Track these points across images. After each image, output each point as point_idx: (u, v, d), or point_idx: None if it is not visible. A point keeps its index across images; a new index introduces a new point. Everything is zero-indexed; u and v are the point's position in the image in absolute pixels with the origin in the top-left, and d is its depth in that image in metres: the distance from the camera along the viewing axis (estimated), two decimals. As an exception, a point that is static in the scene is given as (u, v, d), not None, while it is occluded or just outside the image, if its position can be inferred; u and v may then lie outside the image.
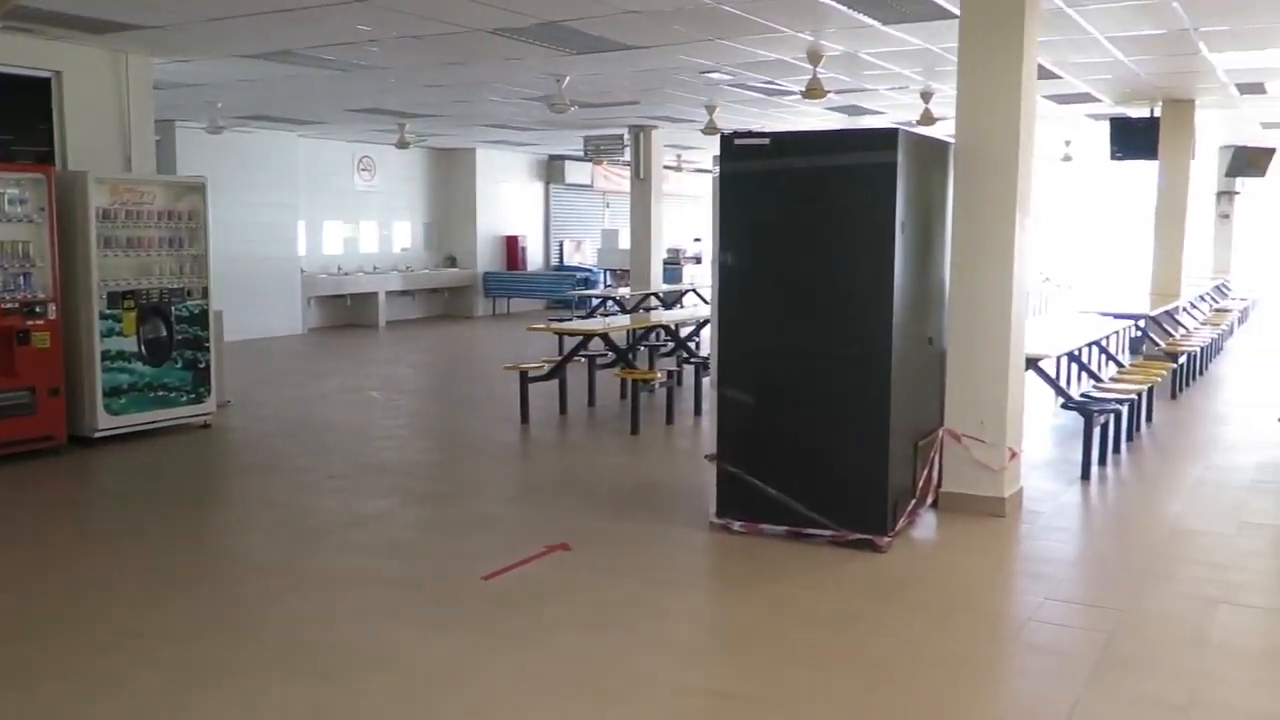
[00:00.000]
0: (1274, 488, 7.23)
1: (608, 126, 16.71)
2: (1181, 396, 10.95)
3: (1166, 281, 13.90)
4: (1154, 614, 4.99)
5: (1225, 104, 13.82)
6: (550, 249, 23.22)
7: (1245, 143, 18.92)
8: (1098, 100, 13.38)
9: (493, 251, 21.47)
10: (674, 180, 23.53)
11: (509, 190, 21.95)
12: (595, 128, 16.91)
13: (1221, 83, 11.94)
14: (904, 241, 5.69)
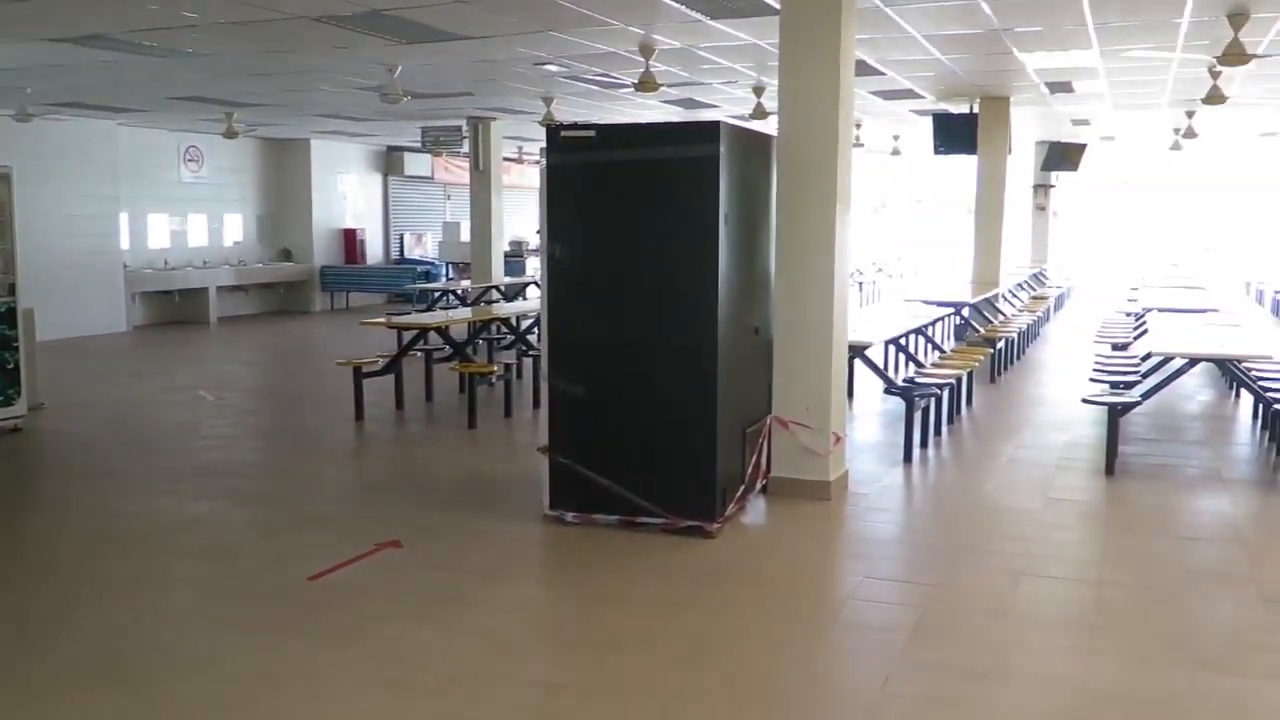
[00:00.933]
0: (1079, 465, 7.65)
1: (445, 118, 16.51)
2: (1000, 380, 11.50)
3: (986, 271, 14.57)
4: (964, 587, 5.23)
5: (1038, 102, 14.55)
6: (390, 242, 22.81)
7: (1059, 139, 19.95)
8: (921, 96, 13.91)
9: (330, 245, 20.96)
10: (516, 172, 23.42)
11: (346, 182, 21.45)
12: (433, 119, 16.69)
13: (1033, 82, 12.56)
14: (728, 233, 5.80)
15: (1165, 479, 7.37)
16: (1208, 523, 6.47)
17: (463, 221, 20.49)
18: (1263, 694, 4.03)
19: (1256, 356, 8.06)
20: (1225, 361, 8.15)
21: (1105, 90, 13.32)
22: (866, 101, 14.56)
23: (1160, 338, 8.76)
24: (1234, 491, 7.04)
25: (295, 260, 20.49)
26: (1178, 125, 17.46)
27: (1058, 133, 19.34)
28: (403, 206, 23.23)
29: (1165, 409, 9.61)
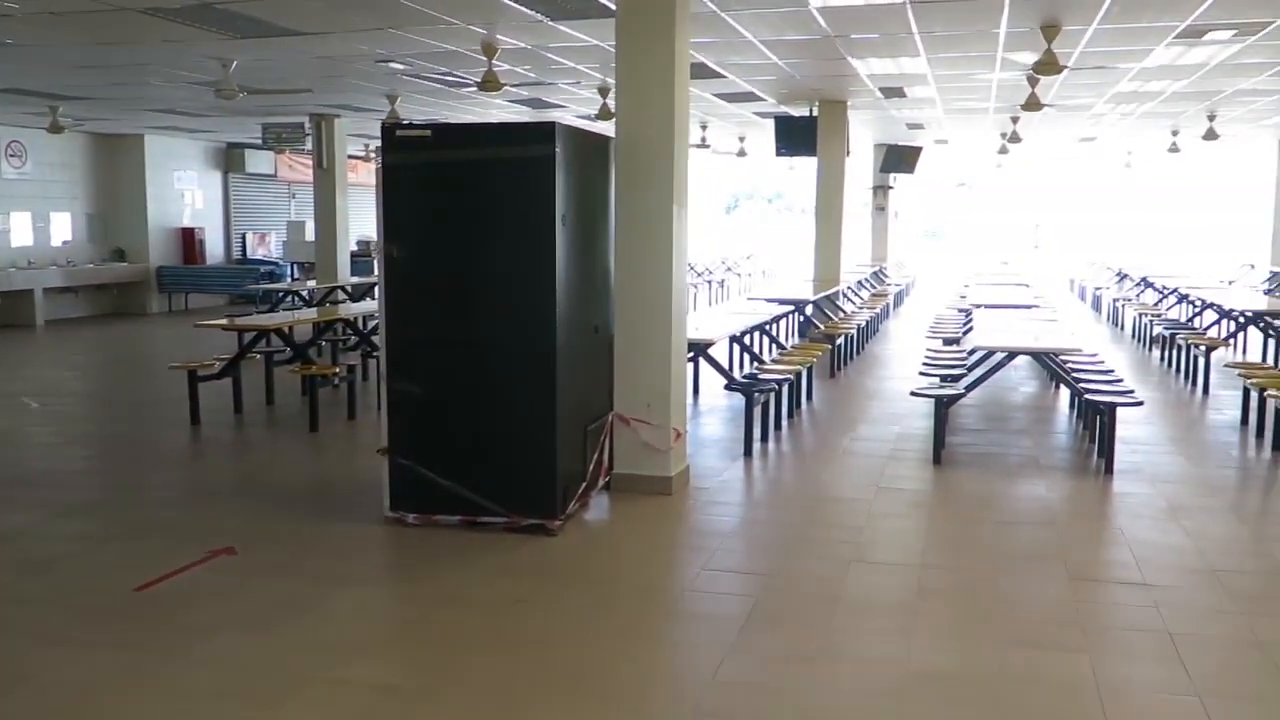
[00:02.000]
0: (909, 455, 7.98)
1: (287, 114, 16.11)
2: (840, 374, 11.87)
3: (827, 269, 15.03)
4: (797, 576, 5.41)
5: (874, 106, 15.08)
6: (231, 242, 22.09)
7: (896, 141, 20.69)
8: (763, 99, 14.25)
9: (167, 245, 20.18)
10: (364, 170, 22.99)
11: (183, 179, 20.68)
12: (273, 115, 16.26)
13: (868, 87, 13.02)
14: (566, 233, 5.86)
15: (988, 467, 7.75)
16: (1025, 507, 6.83)
17: (308, 221, 20.01)
18: (1068, 666, 4.29)
19: (1069, 350, 8.54)
20: (1041, 354, 8.62)
21: (935, 96, 13.89)
22: (711, 104, 14.85)
23: (984, 333, 9.19)
24: (1050, 477, 7.45)
25: (129, 260, 19.66)
26: (1004, 130, 18.32)
27: (894, 136, 20.05)
28: (245, 205, 22.53)
29: (992, 400, 10.09)
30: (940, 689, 4.10)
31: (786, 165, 25.01)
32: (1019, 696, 4.01)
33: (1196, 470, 7.67)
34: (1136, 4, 8.19)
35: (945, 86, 13.04)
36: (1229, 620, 4.82)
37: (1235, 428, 9.01)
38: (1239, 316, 13.14)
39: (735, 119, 16.96)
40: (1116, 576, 5.53)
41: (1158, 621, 4.75)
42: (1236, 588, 5.24)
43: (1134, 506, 6.69)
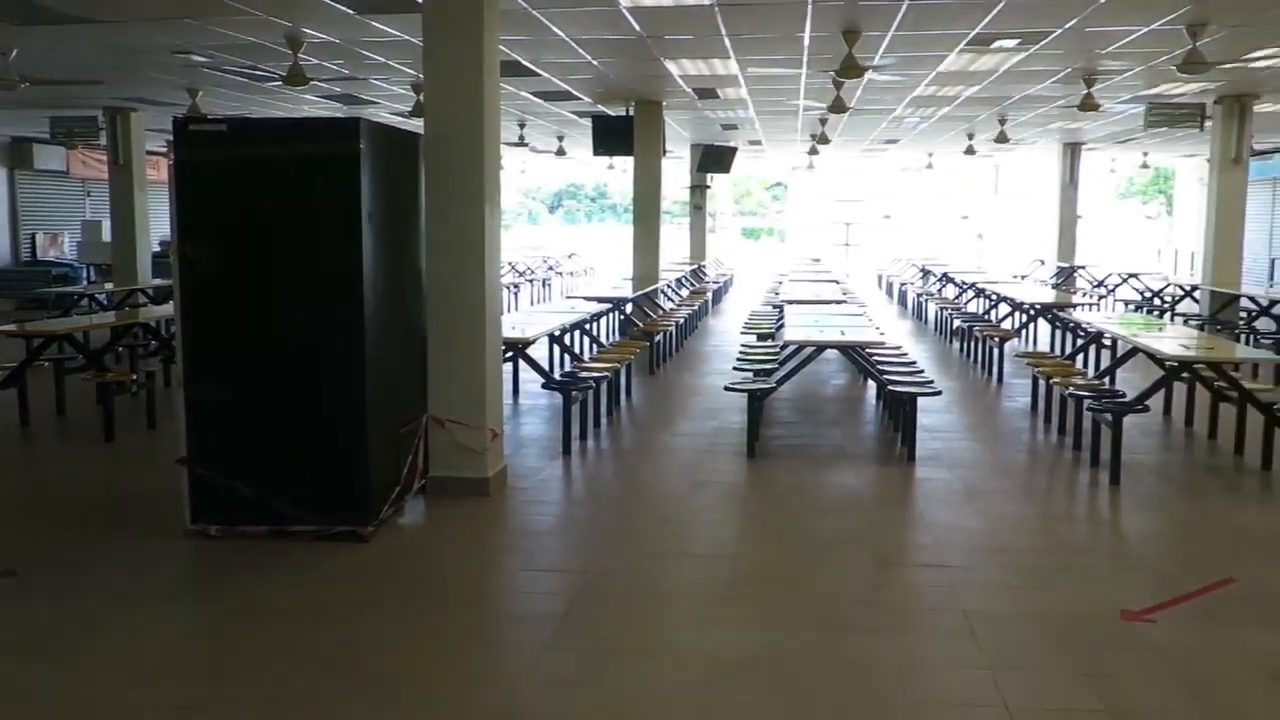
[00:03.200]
0: (726, 449, 8.14)
1: (78, 107, 15.22)
2: (659, 371, 12.02)
3: (646, 267, 15.19)
4: (614, 571, 5.44)
5: (689, 107, 15.33)
6: (20, 242, 20.72)
7: (712, 142, 21.08)
8: (580, 98, 14.29)
9: (-55, 246, 18.79)
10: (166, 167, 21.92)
11: (-37, 176, 19.30)
12: (64, 108, 15.33)
13: (682, 88, 13.22)
14: (373, 232, 5.72)
15: (800, 457, 7.99)
16: (833, 495, 7.07)
17: (104, 220, 18.95)
18: (872, 647, 4.45)
19: (874, 343, 8.88)
20: (849, 348, 8.94)
21: (747, 97, 14.22)
22: (528, 102, 14.80)
23: (795, 328, 9.46)
24: (857, 466, 7.74)
25: (-98, 263, 18.22)
26: (813, 131, 18.91)
27: (710, 136, 20.43)
28: (34, 203, 21.18)
29: (804, 393, 10.41)
30: (752, 676, 4.19)
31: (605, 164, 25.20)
32: (825, 679, 4.14)
33: (991, 455, 8.10)
34: (930, 12, 8.58)
35: (756, 88, 13.37)
36: (1017, 596, 5.10)
37: (1026, 414, 9.56)
38: (1029, 309, 13.95)
39: (553, 118, 16.96)
40: (917, 559, 5.78)
41: (954, 600, 4.98)
42: (1024, 565, 5.55)
43: (934, 491, 7.01)
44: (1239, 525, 6.36)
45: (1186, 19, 8.75)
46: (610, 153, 15.58)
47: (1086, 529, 6.57)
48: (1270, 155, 22.76)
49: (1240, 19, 8.88)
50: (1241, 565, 5.48)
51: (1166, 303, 17.86)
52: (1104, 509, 6.83)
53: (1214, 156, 14.77)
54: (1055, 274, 22.44)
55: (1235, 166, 14.38)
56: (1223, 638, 4.57)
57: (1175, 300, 17.88)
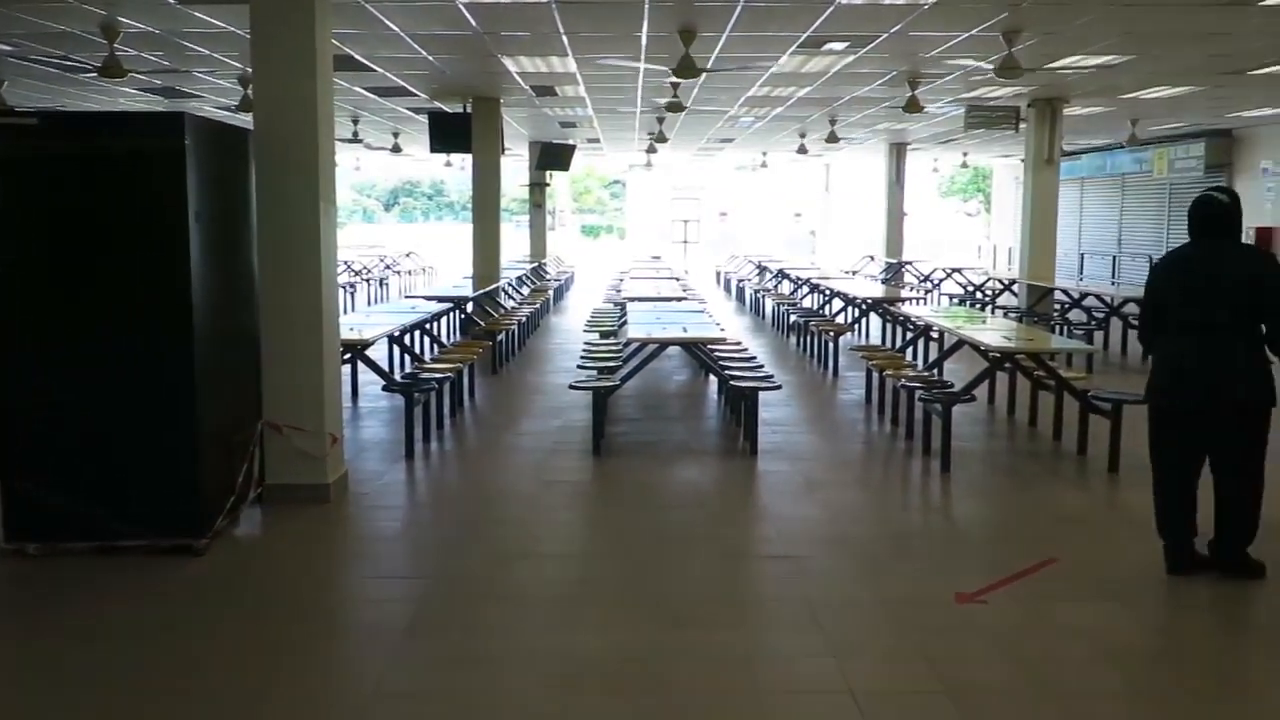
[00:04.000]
0: (571, 447, 8.12)
1: None
2: (502, 371, 11.92)
3: (487, 266, 15.05)
4: (461, 576, 5.36)
5: (527, 104, 15.26)
6: None
7: (551, 139, 21.05)
8: (415, 94, 14.05)
9: None
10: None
11: None
12: None
13: (520, 85, 13.14)
14: (201, 231, 5.48)
15: (645, 454, 8.04)
16: (679, 491, 7.15)
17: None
18: (721, 641, 4.51)
19: (715, 340, 9.02)
20: (690, 345, 9.05)
21: (585, 95, 14.25)
22: (362, 98, 14.47)
23: (636, 326, 9.53)
24: (702, 461, 7.85)
25: None
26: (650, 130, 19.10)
27: (549, 134, 20.40)
28: None
29: (647, 390, 10.49)
30: (604, 675, 4.19)
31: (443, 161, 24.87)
32: (676, 675, 4.17)
33: (829, 447, 8.33)
34: (763, 14, 8.76)
35: (594, 87, 13.41)
36: (858, 583, 5.26)
37: (861, 406, 9.87)
38: (861, 304, 14.41)
39: (389, 114, 16.63)
40: (762, 551, 5.89)
41: (798, 590, 5.10)
42: (864, 552, 5.73)
43: (776, 484, 7.17)
44: (1059, 507, 6.72)
45: (1002, 26, 9.19)
46: (448, 150, 15.37)
47: (920, 516, 6.83)
48: (1078, 156, 24.14)
49: (1051, 27, 9.38)
50: (1063, 545, 5.79)
51: (987, 296, 18.73)
52: (936, 496, 7.11)
53: (1028, 157, 15.58)
54: (884, 270, 23.27)
55: (1048, 166, 15.20)
56: (1048, 615, 4.82)
57: (995, 294, 18.78)
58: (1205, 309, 5.01)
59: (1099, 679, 4.14)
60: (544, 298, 17.71)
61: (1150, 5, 8.45)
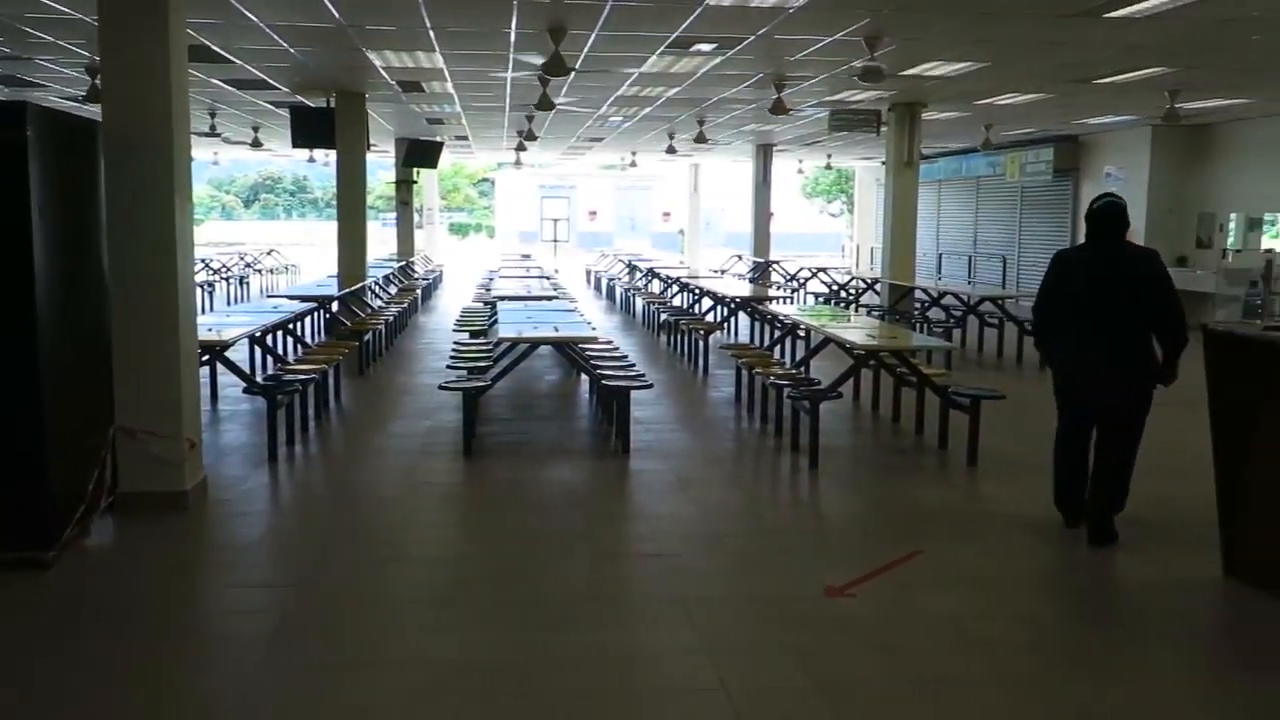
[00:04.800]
0: (442, 449, 8.00)
1: None
2: (369, 372, 11.67)
3: (353, 264, 14.72)
4: (328, 582, 5.21)
5: (393, 100, 14.97)
6: None
7: (418, 136, 20.72)
8: (276, 87, 13.65)
9: None
10: None
11: None
12: None
13: (386, 80, 12.88)
14: (45, 227, 5.20)
15: (517, 455, 7.97)
16: (552, 491, 7.10)
17: None
18: (597, 641, 4.48)
19: (586, 339, 9.00)
20: (562, 344, 9.01)
21: (453, 92, 14.06)
22: (220, 90, 13.99)
23: (507, 325, 9.44)
24: (574, 461, 7.82)
25: None
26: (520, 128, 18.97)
27: (416, 131, 20.08)
28: None
29: (519, 390, 10.41)
30: (478, 680, 4.12)
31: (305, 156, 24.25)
32: (550, 678, 4.13)
33: (701, 444, 8.40)
34: (633, 14, 8.78)
35: (462, 83, 13.24)
36: (730, 580, 5.31)
37: (731, 403, 9.98)
38: (730, 303, 14.59)
39: (248, 107, 16.12)
40: (636, 550, 5.90)
41: (671, 588, 5.12)
42: (736, 549, 5.79)
43: (649, 482, 7.18)
44: (923, 500, 6.91)
45: (864, 31, 9.41)
46: (310, 145, 15.00)
47: (790, 511, 6.94)
48: (936, 159, 24.92)
49: (911, 34, 9.64)
50: (927, 537, 5.95)
51: (851, 295, 19.19)
52: (805, 491, 7.24)
53: (889, 159, 16.01)
54: (752, 269, 23.61)
55: (907, 169, 15.64)
56: (915, 606, 4.94)
57: (859, 293, 19.25)
58: (1100, 303, 5.62)
59: (965, 668, 4.27)
60: (412, 297, 17.42)
61: (1004, 15, 8.76)
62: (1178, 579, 5.33)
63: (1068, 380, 5.89)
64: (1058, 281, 5.88)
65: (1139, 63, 11.07)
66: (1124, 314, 5.60)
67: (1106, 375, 5.67)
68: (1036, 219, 22.00)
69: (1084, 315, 5.70)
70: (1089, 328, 5.67)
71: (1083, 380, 5.80)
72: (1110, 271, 5.66)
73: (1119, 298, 5.60)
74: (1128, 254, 5.77)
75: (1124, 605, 5.15)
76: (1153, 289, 5.58)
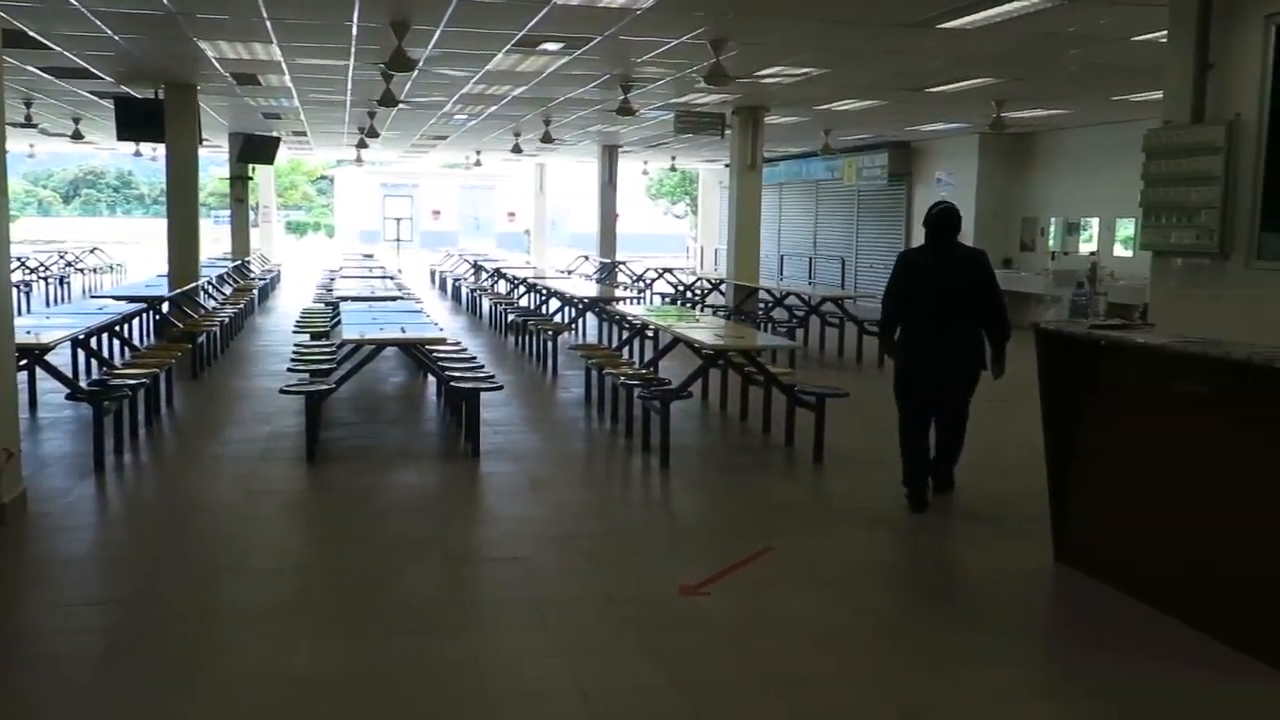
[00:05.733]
0: (283, 455, 7.72)
1: None
2: (204, 375, 11.20)
3: (184, 263, 14.10)
4: (162, 596, 4.96)
5: (227, 93, 14.41)
6: None
7: (253, 131, 20.01)
8: (100, 77, 12.96)
9: None
10: None
11: None
12: None
13: (219, 72, 12.38)
14: None
15: (362, 460, 7.76)
16: (400, 496, 6.95)
17: None
18: (450, 647, 4.38)
19: (433, 340, 8.84)
20: (408, 345, 8.82)
21: (291, 86, 13.62)
22: (36, 79, 13.20)
23: (351, 326, 9.18)
24: (422, 465, 7.67)
25: None
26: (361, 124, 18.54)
27: (252, 125, 19.40)
28: None
29: (364, 393, 10.15)
30: (330, 691, 3.98)
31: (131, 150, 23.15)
32: (405, 686, 4.02)
33: (551, 446, 8.35)
34: (479, 10, 8.66)
35: (301, 77, 12.84)
36: (584, 581, 5.28)
37: (581, 404, 9.96)
38: (578, 303, 14.57)
39: (69, 97, 15.24)
40: (487, 554, 5.81)
41: (525, 591, 5.06)
42: (589, 550, 5.77)
43: (500, 485, 7.10)
44: (772, 497, 7.03)
45: (709, 35, 9.52)
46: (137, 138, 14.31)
47: (642, 511, 6.96)
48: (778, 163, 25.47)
49: (754, 39, 9.81)
50: (777, 533, 6.05)
51: (697, 296, 19.43)
52: (657, 491, 7.27)
53: (733, 162, 16.27)
54: (599, 269, 23.66)
55: (751, 172, 15.92)
56: (767, 603, 5.01)
57: (705, 293, 19.50)
58: (941, 299, 6.28)
59: (817, 663, 4.35)
60: (248, 297, 16.80)
61: (843, 23, 9.00)
62: (1014, 568, 5.56)
63: (915, 366, 6.42)
64: (903, 280, 6.46)
65: (968, 73, 11.54)
66: (961, 309, 6.28)
67: (949, 363, 6.34)
68: (872, 222, 22.72)
69: (927, 310, 6.33)
70: (931, 322, 6.32)
71: (928, 368, 6.38)
72: (948, 271, 6.32)
73: (957, 294, 6.28)
74: (962, 255, 6.49)
75: (965, 595, 5.34)
76: (985, 287, 6.33)
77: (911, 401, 6.47)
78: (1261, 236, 6.50)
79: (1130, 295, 14.01)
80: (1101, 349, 5.14)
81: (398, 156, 32.12)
